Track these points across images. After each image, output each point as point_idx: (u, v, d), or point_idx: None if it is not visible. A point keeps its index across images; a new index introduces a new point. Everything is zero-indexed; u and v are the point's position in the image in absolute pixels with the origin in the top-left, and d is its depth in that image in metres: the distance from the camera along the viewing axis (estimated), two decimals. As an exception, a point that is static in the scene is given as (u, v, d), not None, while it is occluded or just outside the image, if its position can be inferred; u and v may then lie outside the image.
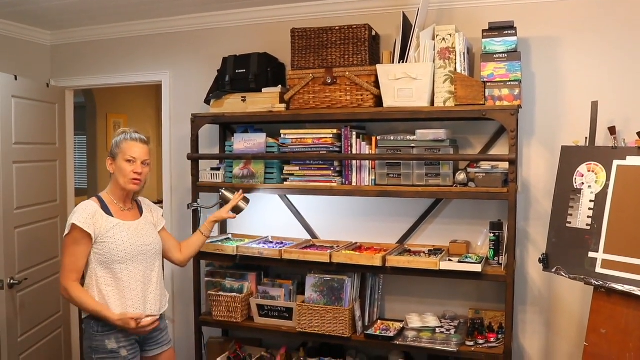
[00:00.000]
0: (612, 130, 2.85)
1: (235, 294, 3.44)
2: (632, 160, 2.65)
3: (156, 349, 2.82)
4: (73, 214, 2.63)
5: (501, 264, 3.06)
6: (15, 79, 3.73)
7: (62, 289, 2.64)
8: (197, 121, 3.51)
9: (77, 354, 4.51)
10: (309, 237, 3.64)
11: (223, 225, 3.81)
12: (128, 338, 2.67)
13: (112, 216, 2.68)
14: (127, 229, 2.69)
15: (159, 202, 6.12)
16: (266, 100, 3.39)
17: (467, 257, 3.09)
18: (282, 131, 3.36)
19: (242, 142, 3.43)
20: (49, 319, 4.11)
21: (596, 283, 2.65)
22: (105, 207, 2.69)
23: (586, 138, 2.87)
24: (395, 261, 3.08)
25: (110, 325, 2.61)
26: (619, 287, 2.56)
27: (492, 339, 3.05)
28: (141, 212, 2.85)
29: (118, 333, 2.64)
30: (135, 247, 2.68)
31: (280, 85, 3.44)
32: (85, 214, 2.61)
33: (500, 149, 3.24)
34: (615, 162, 2.70)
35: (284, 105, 3.34)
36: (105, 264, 2.63)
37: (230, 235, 3.73)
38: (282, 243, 3.52)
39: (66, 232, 2.62)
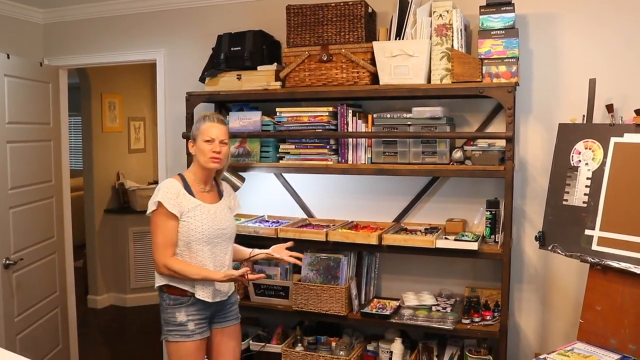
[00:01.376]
0: (609, 108, 2.84)
1: (231, 273, 3.43)
2: (629, 137, 2.64)
3: (226, 322, 2.89)
4: (158, 191, 2.68)
5: (497, 242, 3.05)
6: (8, 57, 3.69)
7: (160, 267, 2.67)
8: (192, 99, 3.48)
9: (74, 334, 4.53)
10: (304, 216, 3.63)
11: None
12: (198, 312, 2.73)
13: (194, 196, 2.73)
14: (207, 212, 2.73)
15: (155, 182, 6.13)
16: (261, 78, 3.35)
17: (463, 235, 3.08)
18: (277, 109, 3.34)
19: (238, 121, 3.41)
20: (46, 299, 4.11)
21: (592, 260, 2.65)
22: (188, 186, 2.74)
23: (583, 116, 2.86)
24: (391, 239, 3.07)
25: (181, 298, 2.70)
26: (615, 264, 2.56)
27: (488, 317, 3.06)
28: (220, 196, 2.89)
29: (188, 307, 2.71)
30: (212, 230, 2.73)
31: (275, 63, 3.40)
32: (170, 194, 2.66)
33: (497, 126, 3.22)
34: (613, 139, 2.68)
35: (279, 83, 3.31)
36: (181, 242, 2.70)
37: (226, 215, 3.71)
38: (278, 222, 3.51)
39: (152, 208, 2.67)
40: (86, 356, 4.66)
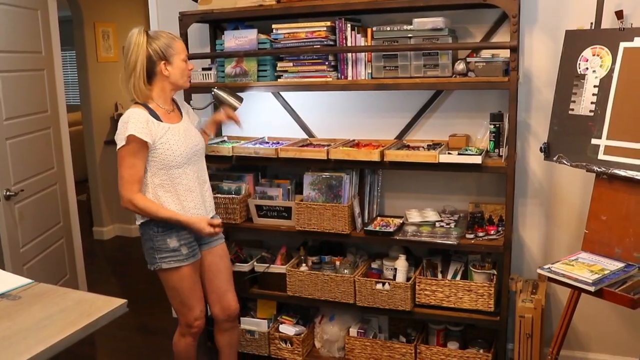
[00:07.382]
0: (619, 14, 2.71)
1: (233, 195, 3.41)
2: None
3: (213, 242, 2.92)
4: (126, 124, 2.56)
5: (501, 155, 3.01)
6: (-8, -19, 3.55)
7: (125, 201, 2.62)
8: (185, 19, 3.36)
9: (81, 264, 4.56)
10: (305, 136, 3.57)
11: (218, 128, 3.73)
12: (189, 235, 2.74)
13: (162, 121, 2.66)
14: (177, 133, 2.68)
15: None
16: (256, -6, 3.23)
17: (466, 150, 3.03)
18: (273, 26, 3.22)
19: (233, 40, 3.30)
20: (50, 230, 4.11)
21: (598, 170, 2.61)
22: (153, 112, 2.65)
23: (591, 23, 2.75)
24: (393, 155, 3.02)
25: (169, 224, 2.68)
26: (621, 172, 2.53)
27: (492, 232, 3.05)
28: (181, 113, 2.85)
29: (179, 231, 2.71)
30: (187, 149, 2.70)
31: (270, -22, 3.26)
32: (139, 123, 2.56)
33: (501, 38, 3.10)
34: (622, 45, 2.59)
35: (274, -2, 3.19)
36: (162, 171, 2.65)
37: (225, 138, 3.67)
38: (278, 143, 3.46)
39: (122, 143, 2.56)
40: (94, 285, 4.71)
